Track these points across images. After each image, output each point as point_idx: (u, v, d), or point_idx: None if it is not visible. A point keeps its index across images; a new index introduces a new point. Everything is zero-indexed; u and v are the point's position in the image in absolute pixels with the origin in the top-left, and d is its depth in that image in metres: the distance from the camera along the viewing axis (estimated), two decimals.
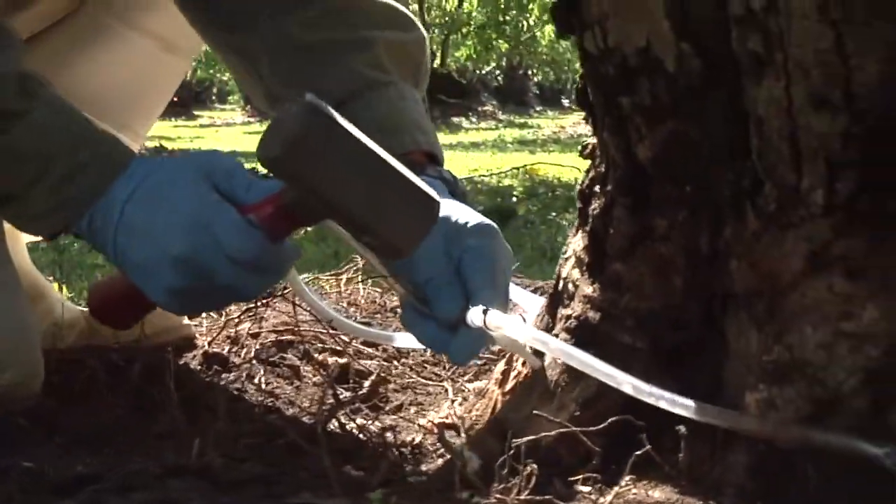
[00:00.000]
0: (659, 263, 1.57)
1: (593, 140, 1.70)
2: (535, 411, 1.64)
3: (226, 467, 1.41)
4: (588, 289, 1.66)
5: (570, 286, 1.72)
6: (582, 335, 1.65)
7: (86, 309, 2.15)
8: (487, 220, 1.75)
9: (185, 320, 2.17)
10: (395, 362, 2.22)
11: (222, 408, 1.47)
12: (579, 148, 1.74)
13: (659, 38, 1.49)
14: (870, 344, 1.40)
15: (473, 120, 17.53)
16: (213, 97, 30.42)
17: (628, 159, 1.57)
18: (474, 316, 1.62)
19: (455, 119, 17.27)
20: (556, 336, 1.69)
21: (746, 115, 1.46)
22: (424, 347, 1.96)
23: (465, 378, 2.19)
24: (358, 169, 1.49)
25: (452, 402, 1.97)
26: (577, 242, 1.74)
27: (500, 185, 8.91)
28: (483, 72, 21.16)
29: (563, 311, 1.71)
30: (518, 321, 1.65)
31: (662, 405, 1.45)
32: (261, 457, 1.51)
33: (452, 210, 1.73)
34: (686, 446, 1.50)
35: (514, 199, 7.92)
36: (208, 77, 27.10)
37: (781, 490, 1.45)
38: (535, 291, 2.34)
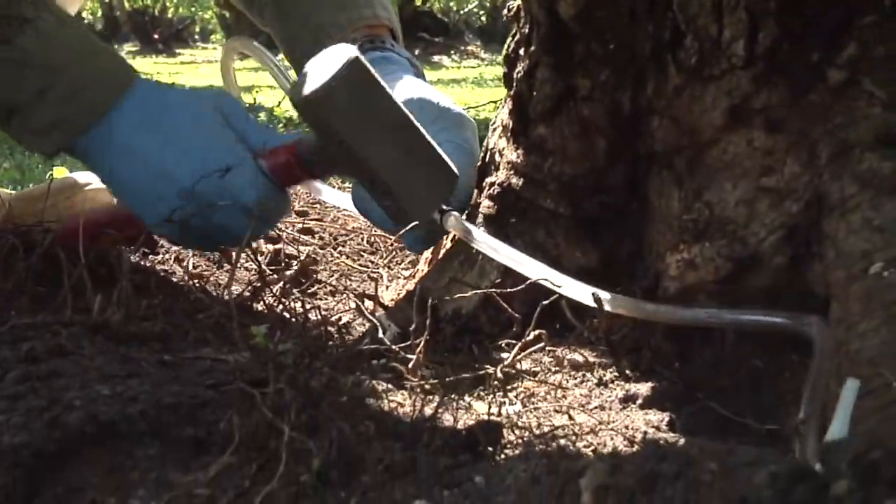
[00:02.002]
0: (582, 125, 1.53)
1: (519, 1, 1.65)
2: (454, 277, 1.60)
3: (125, 323, 1.36)
4: (512, 155, 1.62)
5: (497, 156, 1.68)
6: (504, 202, 1.61)
7: (11, 192, 2.10)
8: (462, 110, 1.72)
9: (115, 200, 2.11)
10: (331, 250, 2.18)
11: (125, 268, 1.41)
12: (506, 9, 1.69)
13: None
14: (790, 199, 1.36)
15: (455, 58, 17.38)
16: (196, 36, 30.17)
17: (551, 17, 1.52)
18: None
19: (436, 57, 17.14)
20: (479, 204, 1.64)
21: None
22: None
23: (402, 266, 2.14)
24: (390, 129, 1.44)
25: (379, 282, 1.92)
26: (503, 112, 1.69)
27: (478, 118, 8.84)
28: (465, 11, 21.00)
29: (487, 180, 1.66)
30: (473, 227, 1.60)
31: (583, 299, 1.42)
32: (165, 318, 1.46)
33: (428, 93, 1.71)
34: (602, 311, 1.46)
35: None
36: (190, 14, 26.88)
37: (697, 351, 1.41)
38: None
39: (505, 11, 1.69)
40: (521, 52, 1.61)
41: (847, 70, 1.32)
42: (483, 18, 21.65)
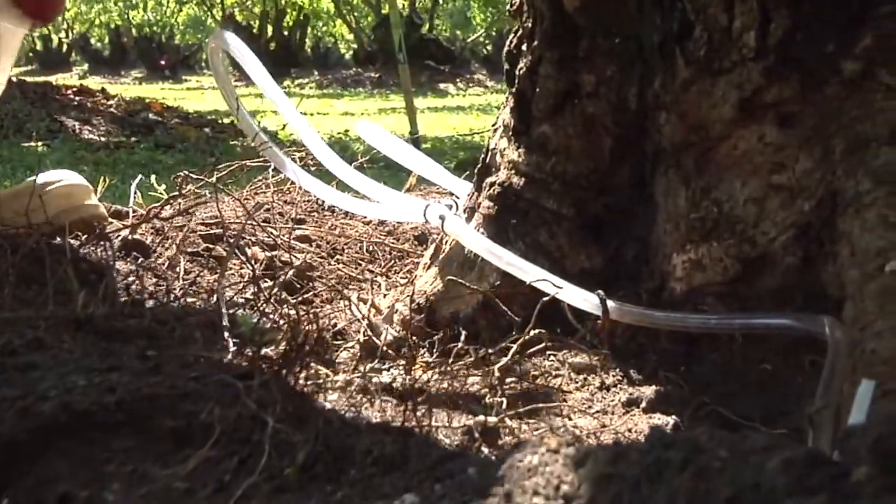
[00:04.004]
0: (587, 123, 1.47)
1: None
2: (453, 280, 1.54)
3: (108, 319, 1.31)
4: (513, 154, 1.57)
5: (498, 156, 1.62)
6: (505, 202, 1.55)
7: None
8: None
9: (94, 199, 2.05)
10: (329, 259, 2.12)
11: (109, 270, 1.36)
12: (508, 6, 1.64)
13: None
14: (802, 197, 1.30)
15: (461, 86, 17.38)
16: (203, 63, 30.23)
17: (554, 9, 1.47)
18: (432, 218, 1.55)
19: (442, 85, 17.15)
20: (479, 204, 1.59)
21: None
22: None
23: (400, 275, 2.09)
24: None
25: (377, 290, 1.87)
26: (504, 112, 1.63)
27: (482, 141, 8.80)
28: (471, 40, 21.00)
29: (488, 180, 1.61)
30: (472, 230, 1.55)
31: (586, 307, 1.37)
32: (153, 316, 1.41)
33: None
34: (606, 314, 1.40)
35: None
36: (196, 41, 26.91)
37: (705, 354, 1.36)
38: None
39: (508, 7, 1.64)
40: (524, 47, 1.56)
41: (863, 61, 1.27)
42: (489, 48, 21.67)
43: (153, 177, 2.59)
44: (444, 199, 1.88)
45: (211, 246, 2.04)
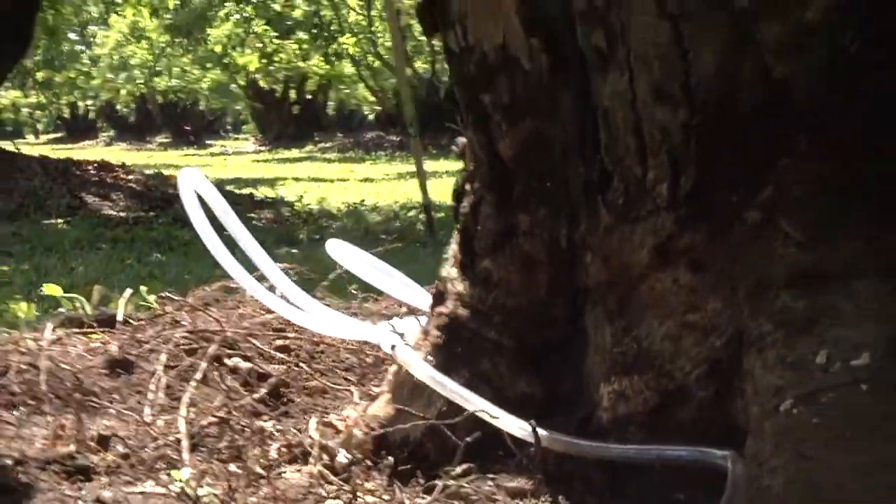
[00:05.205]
0: (524, 260, 1.59)
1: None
2: (402, 406, 1.65)
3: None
4: (460, 286, 1.68)
5: (449, 285, 1.73)
6: (451, 333, 1.66)
7: None
8: None
9: None
10: (305, 366, 2.23)
11: (74, 401, 1.47)
12: (453, 147, 1.76)
13: (513, 35, 1.51)
14: (713, 335, 1.41)
15: None
16: (228, 126, 30.57)
17: (492, 157, 1.59)
18: (384, 346, 1.67)
19: None
20: (429, 333, 1.70)
21: (596, 110, 1.47)
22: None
23: (373, 383, 2.20)
24: None
25: (349, 399, 1.98)
26: (453, 244, 1.75)
27: None
28: None
29: (438, 308, 1.72)
30: (420, 359, 1.66)
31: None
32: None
33: None
34: (538, 442, 1.51)
35: None
36: (221, 105, 27.25)
37: (627, 482, 1.46)
38: None
39: (453, 148, 1.76)
40: (468, 187, 1.68)
41: (764, 211, 1.38)
42: None
43: (143, 289, 2.71)
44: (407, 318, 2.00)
45: (193, 360, 2.15)
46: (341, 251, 2.18)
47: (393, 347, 1.59)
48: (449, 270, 1.76)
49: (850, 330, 1.29)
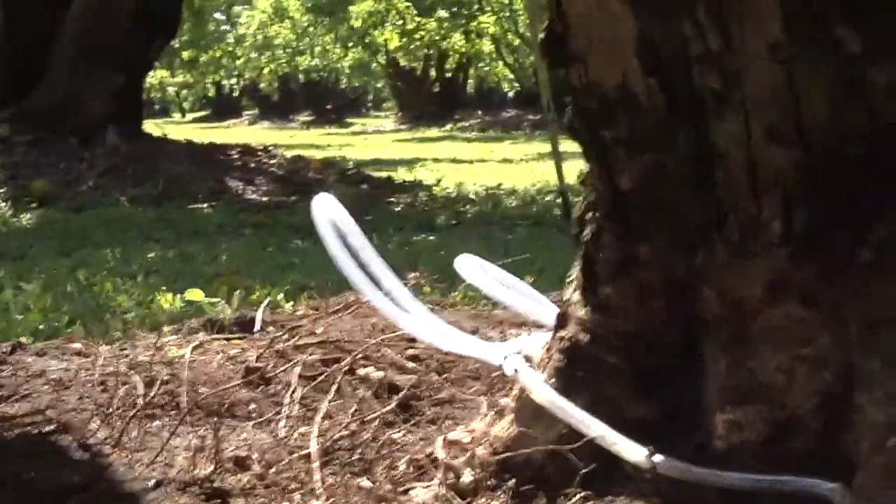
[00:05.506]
0: (642, 288, 1.64)
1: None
2: (524, 429, 1.72)
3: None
4: (581, 311, 1.74)
5: (571, 308, 1.80)
6: (573, 356, 1.73)
7: None
8: None
9: None
10: (436, 376, 2.32)
11: (215, 427, 1.57)
12: (577, 175, 1.81)
13: (632, 74, 1.57)
14: (826, 369, 1.45)
15: None
16: (369, 104, 30.88)
17: (611, 189, 1.65)
18: (507, 368, 1.76)
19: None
20: (552, 357, 1.76)
21: (712, 148, 1.52)
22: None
23: (502, 392, 2.27)
24: None
25: (477, 412, 2.05)
26: (575, 269, 1.81)
27: None
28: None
29: (560, 332, 1.78)
30: (541, 383, 1.72)
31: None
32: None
33: None
34: (654, 468, 1.56)
35: None
36: (362, 83, 27.54)
37: None
38: None
39: (576, 176, 1.82)
40: (589, 215, 1.73)
41: (875, 251, 1.41)
42: None
43: (280, 295, 2.81)
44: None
45: (327, 370, 2.25)
46: (470, 268, 2.24)
47: (515, 371, 1.66)
48: (571, 295, 1.82)
49: None
